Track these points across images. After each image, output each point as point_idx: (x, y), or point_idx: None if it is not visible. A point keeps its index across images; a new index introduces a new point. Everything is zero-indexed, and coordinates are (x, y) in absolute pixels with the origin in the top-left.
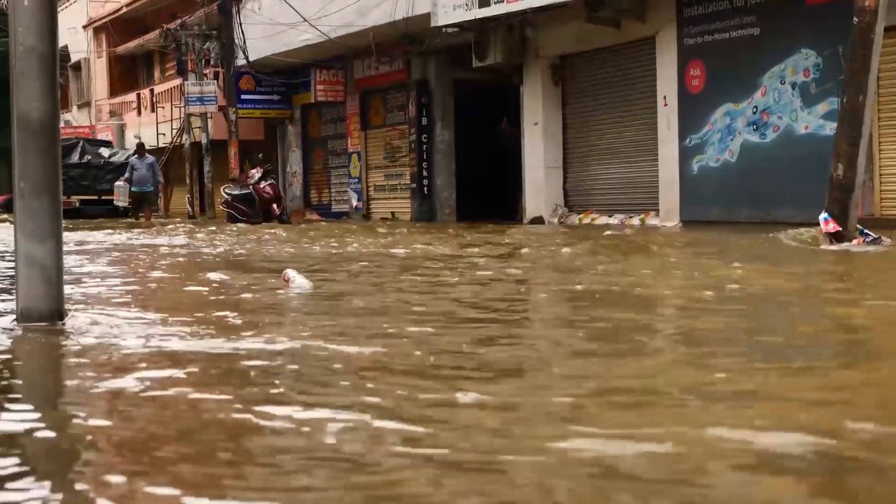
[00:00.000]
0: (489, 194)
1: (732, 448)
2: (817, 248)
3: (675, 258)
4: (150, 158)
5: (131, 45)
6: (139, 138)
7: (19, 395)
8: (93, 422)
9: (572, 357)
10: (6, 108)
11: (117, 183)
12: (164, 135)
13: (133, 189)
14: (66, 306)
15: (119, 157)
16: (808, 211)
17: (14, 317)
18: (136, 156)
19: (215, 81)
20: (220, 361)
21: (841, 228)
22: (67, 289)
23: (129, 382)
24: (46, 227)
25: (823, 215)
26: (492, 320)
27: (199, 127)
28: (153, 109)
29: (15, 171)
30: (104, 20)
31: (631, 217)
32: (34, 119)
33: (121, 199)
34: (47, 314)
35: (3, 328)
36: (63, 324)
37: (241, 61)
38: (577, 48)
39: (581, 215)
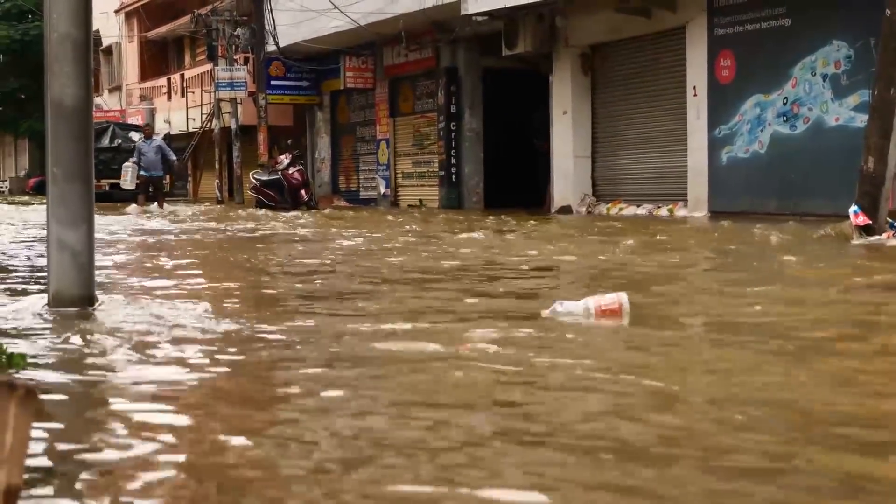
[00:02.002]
0: (516, 182)
1: None
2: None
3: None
4: (158, 140)
5: (162, 29)
6: (168, 123)
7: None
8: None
9: None
10: (40, 93)
11: (125, 164)
12: (193, 120)
13: (142, 173)
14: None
15: None
16: (837, 203)
17: (45, 301)
18: (142, 138)
19: (245, 67)
20: None
21: (871, 221)
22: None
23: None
24: (79, 213)
25: (853, 208)
26: None
27: (228, 112)
28: (183, 94)
29: (48, 156)
30: (135, 5)
31: (659, 207)
32: (68, 105)
33: (127, 182)
34: (78, 299)
35: (35, 313)
36: (94, 309)
37: (270, 47)
38: (606, 37)
39: (609, 205)
